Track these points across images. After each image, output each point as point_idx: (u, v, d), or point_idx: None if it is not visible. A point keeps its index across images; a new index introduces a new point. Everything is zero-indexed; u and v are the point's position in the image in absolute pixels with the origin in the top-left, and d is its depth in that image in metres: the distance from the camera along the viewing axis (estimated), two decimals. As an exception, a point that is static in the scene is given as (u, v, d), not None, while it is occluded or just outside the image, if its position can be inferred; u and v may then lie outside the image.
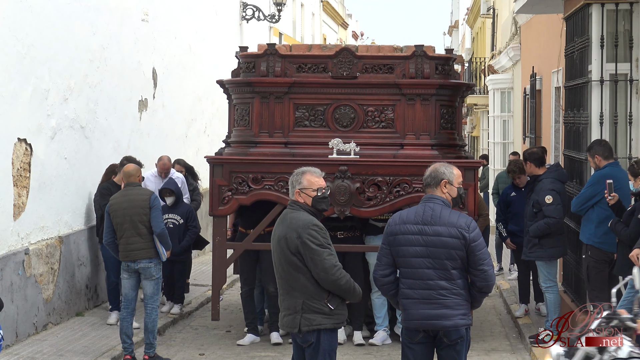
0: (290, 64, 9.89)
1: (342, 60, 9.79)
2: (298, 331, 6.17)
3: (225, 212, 9.79)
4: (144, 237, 9.03)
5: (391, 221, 6.19)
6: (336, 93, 9.83)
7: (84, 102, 11.45)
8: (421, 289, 6.02)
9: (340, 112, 9.82)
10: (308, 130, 9.87)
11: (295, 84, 9.80)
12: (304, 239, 6.10)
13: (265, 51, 9.89)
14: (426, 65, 9.74)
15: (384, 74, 9.82)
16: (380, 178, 9.53)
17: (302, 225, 6.15)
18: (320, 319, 6.16)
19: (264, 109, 9.84)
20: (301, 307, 6.15)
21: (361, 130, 9.80)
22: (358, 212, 9.57)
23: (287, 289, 6.24)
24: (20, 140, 9.84)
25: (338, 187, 9.39)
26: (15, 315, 9.61)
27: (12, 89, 9.66)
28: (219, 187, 9.70)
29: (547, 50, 14.78)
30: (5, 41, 9.50)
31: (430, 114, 9.72)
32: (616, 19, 9.73)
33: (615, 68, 9.71)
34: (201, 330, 10.80)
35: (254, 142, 9.86)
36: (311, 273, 6.13)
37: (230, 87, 10.27)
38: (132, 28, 13.26)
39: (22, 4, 9.84)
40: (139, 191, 9.15)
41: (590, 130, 9.79)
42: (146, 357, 9.16)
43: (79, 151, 11.13)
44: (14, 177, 9.72)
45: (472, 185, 9.56)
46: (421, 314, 6.01)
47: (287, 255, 6.16)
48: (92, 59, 11.74)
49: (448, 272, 6.01)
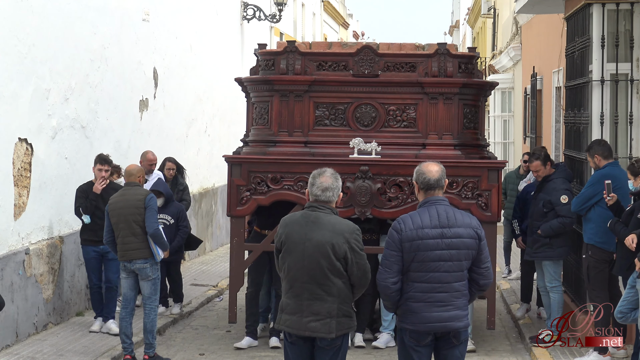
0: (310, 61, 9.79)
1: (364, 58, 9.69)
2: (334, 335, 6.11)
3: (243, 212, 9.69)
4: (138, 237, 9.02)
5: (402, 227, 5.97)
6: (357, 92, 9.72)
7: (84, 102, 11.45)
8: (436, 292, 5.96)
9: (361, 111, 9.73)
10: (328, 129, 9.76)
11: (316, 82, 9.70)
12: (352, 245, 6.08)
13: (285, 48, 9.80)
14: (449, 64, 9.63)
15: (406, 72, 9.71)
16: (402, 178, 9.41)
17: (348, 230, 6.12)
18: (349, 322, 6.18)
19: (283, 107, 9.74)
20: (336, 312, 6.10)
21: (382, 129, 9.69)
22: (379, 213, 9.48)
23: (317, 294, 6.12)
24: (21, 140, 9.84)
25: (359, 188, 9.33)
26: (15, 315, 9.61)
27: (12, 88, 9.65)
28: (237, 187, 9.62)
29: (547, 50, 14.79)
30: (6, 41, 9.49)
31: (453, 114, 9.62)
32: (617, 19, 9.73)
33: (616, 68, 9.71)
34: (201, 330, 10.80)
35: (273, 141, 9.77)
36: (349, 278, 6.12)
37: (249, 85, 10.17)
38: (133, 28, 13.26)
39: (23, 3, 9.83)
40: (135, 191, 9.13)
41: (590, 130, 9.79)
42: (146, 357, 9.16)
43: (80, 151, 11.12)
44: (14, 177, 9.72)
45: (496, 186, 9.45)
46: (435, 317, 5.96)
47: (331, 261, 6.07)
48: (93, 58, 11.74)
49: (463, 273, 6.02)
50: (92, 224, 10.02)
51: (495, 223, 9.56)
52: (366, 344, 9.82)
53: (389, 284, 5.97)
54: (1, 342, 9.32)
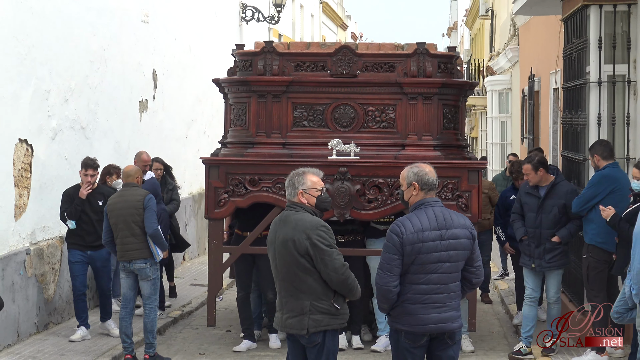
0: (288, 62, 9.71)
1: (342, 58, 9.61)
2: (306, 332, 6.15)
3: (221, 214, 9.66)
4: (137, 238, 9.02)
5: (403, 230, 5.94)
6: (335, 92, 9.65)
7: (84, 103, 11.46)
8: (434, 294, 5.97)
9: (339, 112, 9.66)
10: (307, 130, 9.70)
11: (294, 82, 9.63)
12: (313, 240, 6.08)
13: (262, 49, 9.72)
14: (428, 64, 9.55)
15: (385, 72, 9.64)
16: (381, 180, 9.37)
17: (310, 226, 6.13)
18: (328, 320, 6.18)
19: (261, 108, 9.68)
20: (309, 308, 6.14)
21: (361, 130, 9.63)
22: (358, 214, 9.43)
23: (291, 291, 6.20)
24: (21, 140, 9.86)
25: (338, 189, 9.26)
26: (16, 315, 9.63)
27: (12, 90, 9.67)
28: (215, 189, 9.57)
29: (545, 51, 14.80)
30: (6, 42, 9.51)
31: (432, 114, 9.55)
32: (614, 20, 9.75)
33: (613, 69, 9.72)
34: (201, 330, 10.81)
35: (251, 142, 9.70)
36: (319, 274, 6.12)
37: (227, 86, 10.13)
38: (132, 29, 13.27)
39: (23, 5, 9.85)
40: (134, 192, 9.14)
41: (588, 131, 9.80)
42: (146, 356, 9.18)
43: (80, 152, 11.13)
44: (15, 177, 9.74)
45: (476, 187, 9.38)
46: (432, 319, 5.97)
47: (294, 257, 6.12)
48: (93, 60, 11.76)
49: (458, 274, 6.06)
50: (79, 229, 9.84)
51: (476, 224, 9.41)
52: (365, 345, 9.76)
53: (391, 288, 5.95)
54: (3, 341, 9.35)
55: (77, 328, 9.90)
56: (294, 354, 6.36)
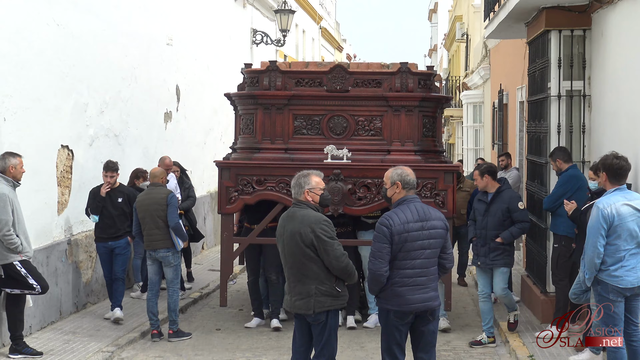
0: (290, 78, 9.70)
1: (336, 75, 9.61)
2: (312, 312, 6.18)
3: (232, 210, 9.64)
4: (161, 230, 9.04)
5: (392, 222, 6.02)
6: (330, 105, 9.63)
7: (117, 114, 11.47)
8: (418, 277, 6.04)
9: (334, 122, 9.64)
10: (305, 137, 9.68)
11: (294, 96, 9.62)
12: (317, 233, 6.12)
13: (267, 67, 9.72)
14: (410, 80, 9.54)
15: (373, 88, 9.62)
16: (370, 180, 9.36)
17: (314, 221, 6.17)
18: (330, 301, 6.22)
19: (266, 118, 9.67)
20: (314, 291, 6.17)
21: (352, 137, 9.61)
22: (350, 210, 9.41)
23: (299, 277, 6.22)
24: (63, 147, 9.86)
25: (332, 188, 9.21)
26: (59, 296, 9.64)
27: (56, 103, 9.68)
28: (227, 188, 9.56)
29: (512, 70, 14.80)
30: (50, 62, 9.52)
31: (413, 124, 9.53)
32: (571, 43, 9.75)
33: (571, 85, 9.73)
34: (218, 309, 10.80)
35: (258, 148, 9.69)
36: (322, 262, 6.16)
37: (237, 99, 10.13)
38: (159, 51, 13.29)
39: (64, 30, 9.86)
40: (159, 190, 9.17)
41: (549, 138, 9.81)
42: (170, 331, 9.20)
43: (113, 156, 11.12)
44: (58, 178, 9.75)
45: (451, 187, 9.38)
46: (417, 299, 6.04)
47: (301, 248, 6.15)
48: (124, 77, 11.77)
49: (436, 259, 6.14)
50: (101, 223, 9.80)
51: (451, 218, 9.37)
52: (357, 325, 9.76)
53: (382, 272, 6.00)
54: (47, 318, 9.37)
55: (112, 309, 9.81)
56: (300, 330, 6.38)
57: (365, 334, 9.48)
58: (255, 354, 8.64)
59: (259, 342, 9.09)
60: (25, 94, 8.95)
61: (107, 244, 9.78)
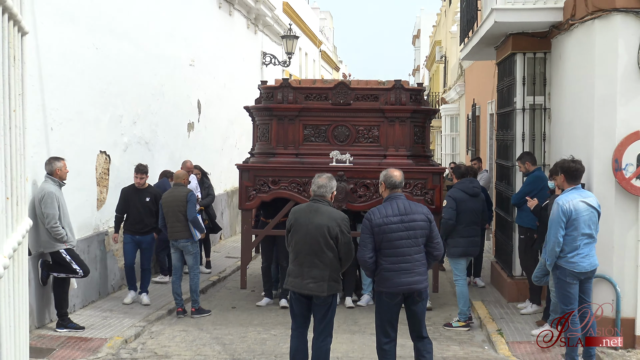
0: (300, 93, 9.71)
1: (339, 91, 9.62)
2: (325, 294, 6.16)
3: (251, 206, 9.63)
4: (182, 223, 9.03)
5: (372, 217, 6.08)
6: (335, 116, 9.65)
7: (147, 125, 11.47)
8: (402, 263, 6.05)
9: (338, 131, 9.64)
10: (314, 144, 9.68)
11: (304, 109, 9.63)
12: (342, 228, 6.18)
13: (281, 84, 9.75)
14: (403, 95, 9.55)
15: (371, 101, 9.62)
16: (369, 181, 9.35)
17: (340, 217, 6.23)
18: (337, 286, 6.25)
19: (280, 128, 9.68)
20: (328, 277, 6.16)
21: (354, 144, 9.61)
22: (352, 206, 9.40)
23: (315, 263, 6.17)
24: (102, 152, 9.87)
25: (337, 188, 9.24)
26: (98, 279, 9.65)
27: (95, 115, 9.68)
28: (246, 188, 9.55)
29: (484, 86, 14.81)
30: (90, 80, 9.53)
31: (406, 132, 9.54)
32: (534, 64, 9.76)
33: (533, 100, 9.74)
34: (233, 290, 10.82)
35: (272, 153, 9.70)
36: (338, 252, 6.18)
37: (254, 111, 10.12)
38: (183, 71, 13.29)
39: (102, 53, 9.86)
40: (181, 189, 9.17)
41: (515, 145, 9.82)
42: (192, 309, 9.20)
43: (144, 160, 11.14)
44: (97, 179, 9.75)
45: (438, 186, 9.36)
46: (403, 282, 6.05)
47: (326, 238, 6.14)
48: (154, 93, 11.77)
49: (420, 248, 6.12)
50: (130, 218, 9.57)
51: (439, 213, 9.31)
52: (353, 304, 9.76)
53: (366, 258, 6.08)
54: (88, 298, 9.37)
55: (128, 292, 9.65)
56: (300, 308, 6.34)
57: (358, 311, 9.48)
58: (265, 328, 8.63)
59: (268, 318, 9.09)
60: (69, 107, 8.95)
61: (135, 238, 9.64)
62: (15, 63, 2.59)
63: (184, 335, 8.31)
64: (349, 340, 8.15)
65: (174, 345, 7.91)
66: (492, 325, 8.58)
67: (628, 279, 7.63)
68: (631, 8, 7.51)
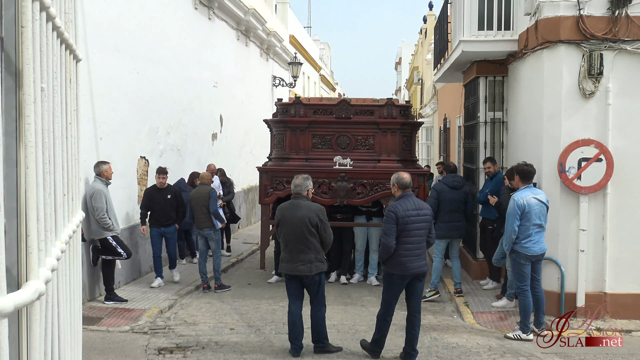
0: (309, 109, 9.69)
1: (342, 107, 9.60)
2: (312, 273, 6.14)
3: (269, 201, 9.59)
4: (205, 215, 9.02)
5: (397, 210, 5.90)
6: (338, 127, 9.61)
7: (179, 135, 11.46)
8: (415, 250, 5.97)
9: (340, 140, 9.60)
10: (320, 151, 9.64)
11: (312, 122, 9.60)
12: (320, 217, 6.12)
13: (294, 101, 9.75)
14: (394, 111, 9.54)
15: (368, 115, 9.59)
16: (365, 181, 9.32)
17: (317, 209, 6.17)
18: (322, 266, 6.20)
19: (292, 137, 9.65)
20: (313, 259, 6.14)
21: (353, 151, 9.57)
22: (351, 201, 9.36)
23: (302, 249, 6.15)
24: (142, 157, 9.85)
25: (339, 186, 9.19)
26: (138, 261, 9.63)
27: (136, 127, 9.67)
28: (265, 186, 9.53)
29: (453, 104, 14.82)
30: (132, 98, 9.53)
31: (396, 141, 9.51)
32: (494, 86, 9.76)
33: (494, 114, 9.74)
34: (249, 270, 10.80)
35: (286, 158, 9.67)
36: (320, 238, 6.12)
37: (272, 123, 10.06)
38: (207, 91, 13.28)
39: (142, 77, 9.86)
40: (205, 188, 9.16)
41: (479, 151, 9.81)
42: (215, 285, 9.18)
43: (176, 164, 11.16)
44: (137, 179, 9.74)
45: (423, 185, 9.32)
46: (414, 266, 5.98)
47: (309, 227, 6.11)
48: (184, 109, 11.76)
49: (425, 237, 6.05)
50: (155, 214, 9.11)
51: None
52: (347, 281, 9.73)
53: (392, 245, 5.91)
54: (131, 276, 9.35)
55: (154, 279, 9.20)
56: (293, 286, 6.32)
57: (351, 287, 9.47)
58: (275, 301, 8.62)
59: (277, 292, 9.08)
60: (115, 120, 8.94)
61: (160, 229, 9.27)
62: (71, 85, 2.59)
63: (208, 307, 8.30)
64: (343, 310, 8.14)
65: (200, 315, 7.90)
66: (460, 299, 8.58)
67: (571, 261, 7.64)
68: (573, 40, 7.53)
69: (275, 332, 7.12)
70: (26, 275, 1.77)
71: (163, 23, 10.69)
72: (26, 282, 1.74)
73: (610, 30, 7.43)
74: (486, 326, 7.46)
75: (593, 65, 7.46)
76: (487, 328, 7.38)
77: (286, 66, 21.23)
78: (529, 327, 6.88)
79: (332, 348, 6.32)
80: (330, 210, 9.37)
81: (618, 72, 7.51)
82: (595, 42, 7.46)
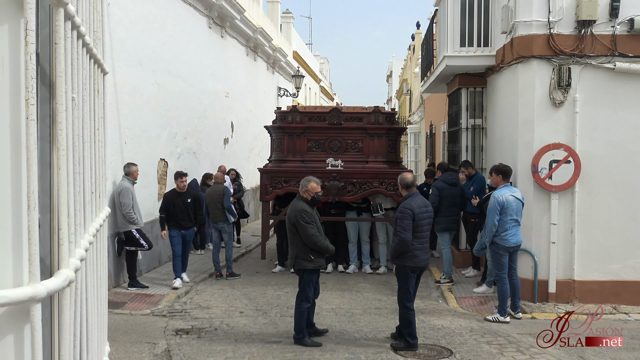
0: (305, 116, 9.68)
1: (334, 114, 9.59)
2: (292, 269, 6.05)
3: (269, 199, 9.61)
4: (219, 210, 9.00)
5: (413, 207, 5.70)
6: (330, 132, 9.59)
7: (195, 140, 11.44)
8: (424, 244, 5.84)
9: (332, 143, 9.61)
10: (315, 153, 9.64)
11: (308, 127, 9.60)
12: (297, 218, 5.89)
13: (291, 109, 9.74)
14: (380, 117, 9.52)
15: (357, 121, 9.58)
16: (355, 180, 9.31)
17: (297, 210, 5.93)
18: (304, 264, 5.94)
19: (290, 141, 9.66)
20: (295, 255, 5.97)
21: (344, 153, 9.57)
22: (342, 199, 9.35)
23: (290, 244, 6.06)
24: (162, 159, 9.84)
25: (332, 185, 9.22)
26: (159, 252, 9.62)
27: (157, 132, 9.66)
28: (265, 185, 9.55)
29: (438, 112, 14.80)
30: (154, 107, 9.52)
31: (383, 144, 9.49)
32: (475, 96, 9.75)
33: (474, 121, 9.72)
34: (256, 260, 10.79)
35: (284, 160, 9.68)
36: (300, 237, 5.94)
37: (272, 129, 10.07)
38: (220, 100, 13.26)
39: (162, 88, 9.85)
40: (219, 186, 9.15)
41: (461, 154, 9.80)
42: (227, 273, 9.17)
43: (192, 165, 11.14)
44: (158, 179, 9.73)
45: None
46: (424, 259, 5.84)
47: (290, 225, 5.98)
48: (199, 116, 11.75)
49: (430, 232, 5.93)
50: (175, 217, 8.34)
51: None
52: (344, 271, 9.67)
53: (410, 239, 5.70)
54: (151, 265, 9.34)
55: (174, 279, 8.37)
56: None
57: (347, 276, 9.45)
58: (280, 287, 8.61)
59: (281, 280, 9.07)
60: (138, 126, 8.93)
61: (180, 231, 8.66)
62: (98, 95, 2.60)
63: (220, 292, 8.29)
64: (340, 296, 8.13)
65: (214, 300, 7.89)
66: (445, 285, 8.57)
67: (543, 251, 7.63)
68: (544, 55, 7.53)
69: (280, 315, 7.11)
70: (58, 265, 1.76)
71: (181, 40, 10.68)
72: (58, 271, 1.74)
73: (577, 47, 7.44)
74: (468, 310, 7.45)
75: (562, 77, 7.47)
76: (469, 311, 7.37)
77: (290, 78, 21.23)
78: (506, 310, 6.88)
79: (307, 342, 5.89)
80: (325, 207, 9.33)
81: (584, 84, 7.52)
82: (564, 57, 7.46)
